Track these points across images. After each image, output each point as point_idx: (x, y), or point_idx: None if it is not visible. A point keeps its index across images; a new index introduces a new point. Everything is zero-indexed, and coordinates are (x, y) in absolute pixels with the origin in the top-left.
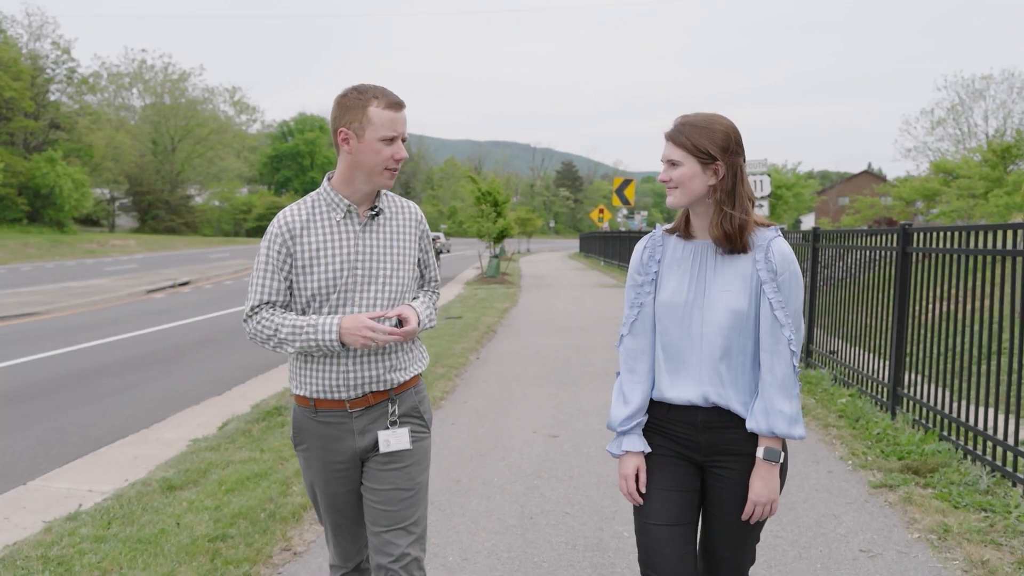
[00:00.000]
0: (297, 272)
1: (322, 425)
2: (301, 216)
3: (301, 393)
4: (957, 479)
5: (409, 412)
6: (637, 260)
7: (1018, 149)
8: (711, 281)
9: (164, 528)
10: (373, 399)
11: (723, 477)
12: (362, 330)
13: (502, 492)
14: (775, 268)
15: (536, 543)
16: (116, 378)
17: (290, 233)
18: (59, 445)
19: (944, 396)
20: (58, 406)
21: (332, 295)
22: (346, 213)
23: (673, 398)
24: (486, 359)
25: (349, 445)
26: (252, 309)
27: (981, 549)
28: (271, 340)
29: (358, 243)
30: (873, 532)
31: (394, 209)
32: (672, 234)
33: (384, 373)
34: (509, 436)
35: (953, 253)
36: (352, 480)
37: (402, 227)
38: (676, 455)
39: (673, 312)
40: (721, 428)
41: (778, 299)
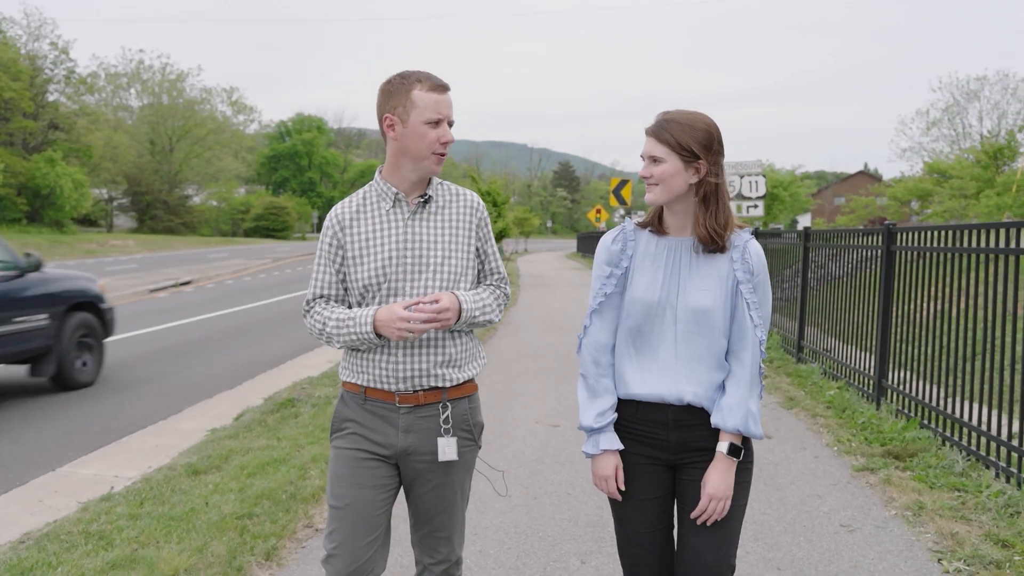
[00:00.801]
0: (348, 264)
1: (369, 414)
2: (352, 208)
3: (352, 380)
4: (934, 463)
5: (458, 424)
6: (605, 251)
7: (1010, 150)
8: (686, 279)
9: (194, 507)
10: (423, 398)
11: (696, 475)
12: (396, 321)
13: (507, 476)
14: (752, 269)
15: (541, 520)
16: (129, 373)
17: (340, 225)
18: (82, 435)
19: (926, 387)
20: (77, 399)
21: (383, 285)
22: (395, 202)
23: (643, 395)
24: (488, 355)
25: (391, 440)
26: (307, 303)
27: (952, 523)
28: (322, 335)
29: (407, 231)
30: (853, 510)
31: (448, 197)
32: (644, 228)
33: (434, 367)
34: (513, 426)
35: (934, 251)
36: (379, 477)
37: (456, 215)
38: (648, 460)
39: (646, 308)
40: (691, 426)
41: (754, 300)
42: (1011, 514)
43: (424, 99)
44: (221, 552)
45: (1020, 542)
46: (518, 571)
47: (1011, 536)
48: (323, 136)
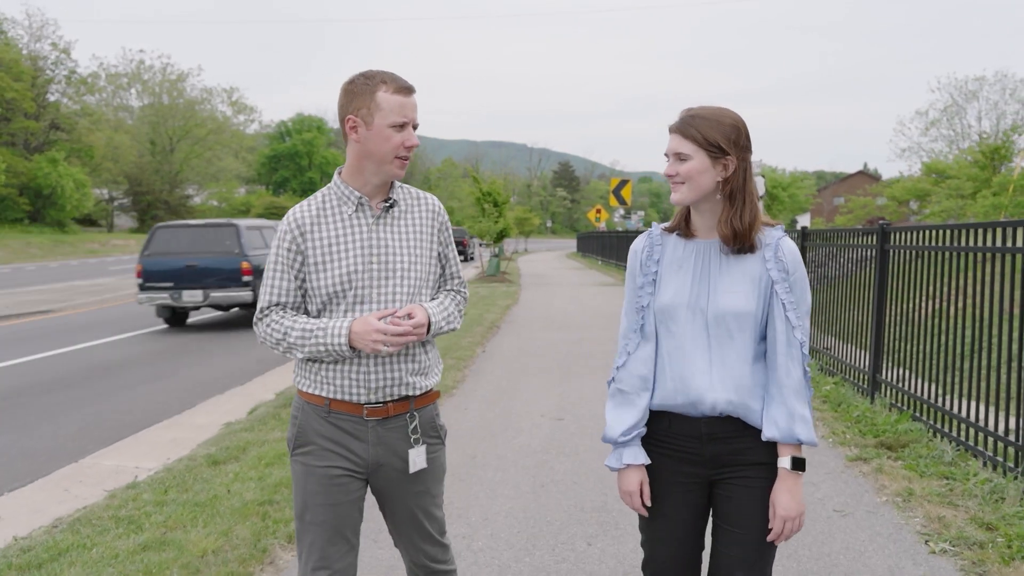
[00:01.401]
0: (310, 271)
1: (333, 427)
2: (311, 212)
3: (314, 392)
4: (925, 453)
5: (427, 429)
6: (636, 261)
7: (1006, 150)
8: (716, 281)
9: (216, 494)
10: (392, 409)
11: (735, 490)
12: (372, 335)
13: (515, 466)
14: (787, 268)
15: (548, 506)
16: (140, 370)
17: (300, 230)
18: (100, 429)
19: (918, 382)
20: (92, 395)
21: (348, 292)
22: (358, 206)
23: (675, 405)
24: (492, 352)
25: (360, 453)
26: (262, 311)
27: (939, 508)
28: (281, 344)
29: (372, 236)
30: (847, 496)
31: (410, 201)
32: (671, 233)
33: (406, 375)
34: (518, 419)
35: (926, 250)
36: (353, 491)
37: (419, 219)
38: (682, 477)
39: (676, 314)
40: (727, 439)
41: (790, 300)
42: (996, 500)
43: (389, 101)
44: (246, 535)
45: (1004, 525)
46: (528, 552)
47: (995, 520)
48: (323, 136)
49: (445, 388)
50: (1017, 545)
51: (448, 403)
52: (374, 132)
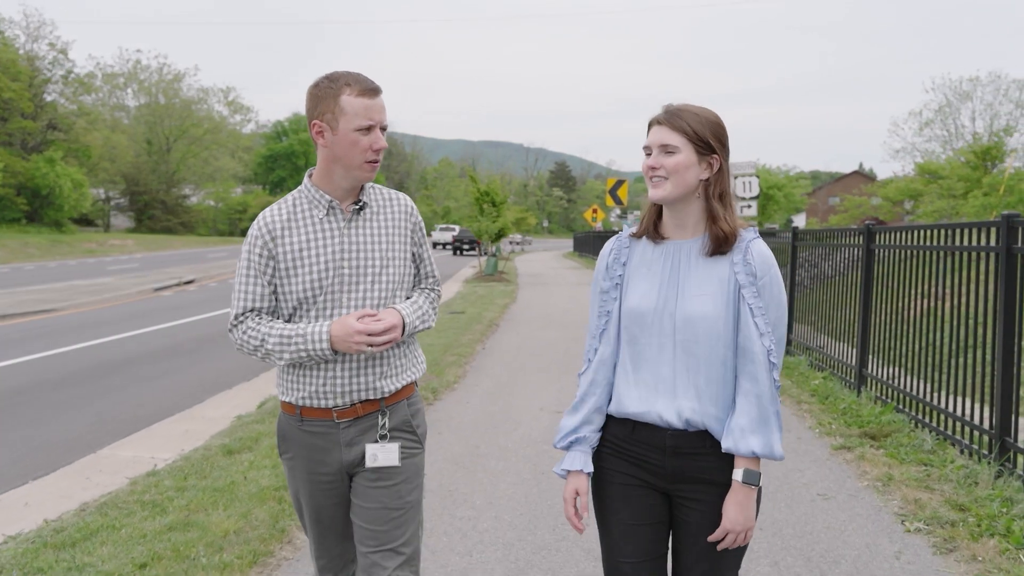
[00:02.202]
0: (281, 275)
1: (308, 435)
2: (282, 216)
3: (287, 400)
4: (906, 442)
5: (400, 426)
6: (602, 264)
7: (997, 150)
8: (685, 285)
9: (234, 480)
10: (362, 410)
11: (694, 510)
12: (353, 336)
13: (516, 455)
14: (754, 271)
15: (548, 492)
16: (148, 367)
17: (271, 235)
18: (113, 423)
19: (902, 376)
20: (103, 390)
21: (319, 297)
22: (328, 209)
23: (639, 413)
24: (491, 349)
25: (336, 457)
26: (236, 318)
27: (917, 492)
28: (258, 351)
29: (343, 240)
30: (830, 482)
31: (381, 202)
32: (639, 238)
33: (374, 380)
34: (518, 412)
35: (908, 249)
36: (338, 493)
37: (392, 220)
38: (641, 483)
39: (642, 319)
40: (691, 454)
41: (758, 305)
42: (970, 484)
43: (353, 105)
44: (264, 517)
45: (975, 506)
46: (530, 532)
47: (968, 502)
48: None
49: (446, 383)
50: (986, 523)
51: (450, 398)
52: (340, 136)
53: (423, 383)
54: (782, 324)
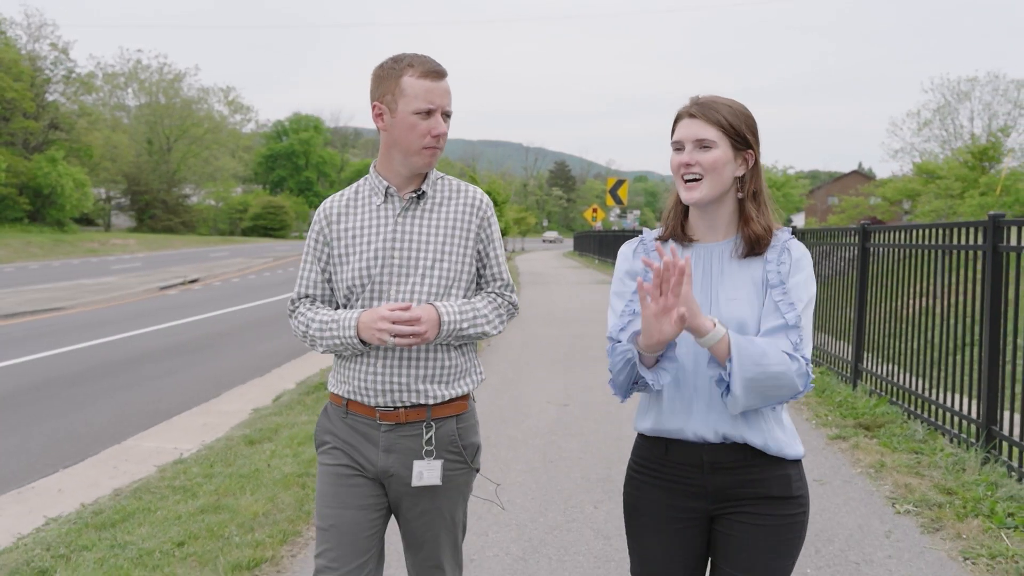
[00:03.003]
0: (334, 262)
1: (350, 428)
2: (342, 202)
3: (336, 391)
4: (899, 432)
5: (444, 445)
6: (626, 262)
7: (994, 150)
8: (719, 289)
9: (258, 468)
10: (405, 416)
11: (738, 525)
12: (377, 322)
13: (525, 445)
14: (788, 271)
15: (557, 478)
16: (162, 363)
17: (327, 220)
18: (134, 415)
19: (895, 370)
20: (120, 385)
21: (367, 287)
22: (386, 196)
23: (674, 430)
24: (496, 346)
25: (371, 458)
26: (292, 303)
27: (907, 477)
28: (306, 338)
29: (396, 229)
30: (826, 468)
31: (447, 192)
32: (664, 242)
33: (415, 382)
34: (526, 405)
35: (901, 248)
36: (363, 496)
37: (455, 212)
38: (678, 513)
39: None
40: (732, 468)
41: (787, 301)
42: (958, 470)
43: (415, 86)
44: (290, 501)
45: (962, 490)
46: (542, 514)
47: (955, 486)
48: (320, 135)
49: None
50: (972, 505)
51: None
52: (399, 119)
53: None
54: (809, 323)
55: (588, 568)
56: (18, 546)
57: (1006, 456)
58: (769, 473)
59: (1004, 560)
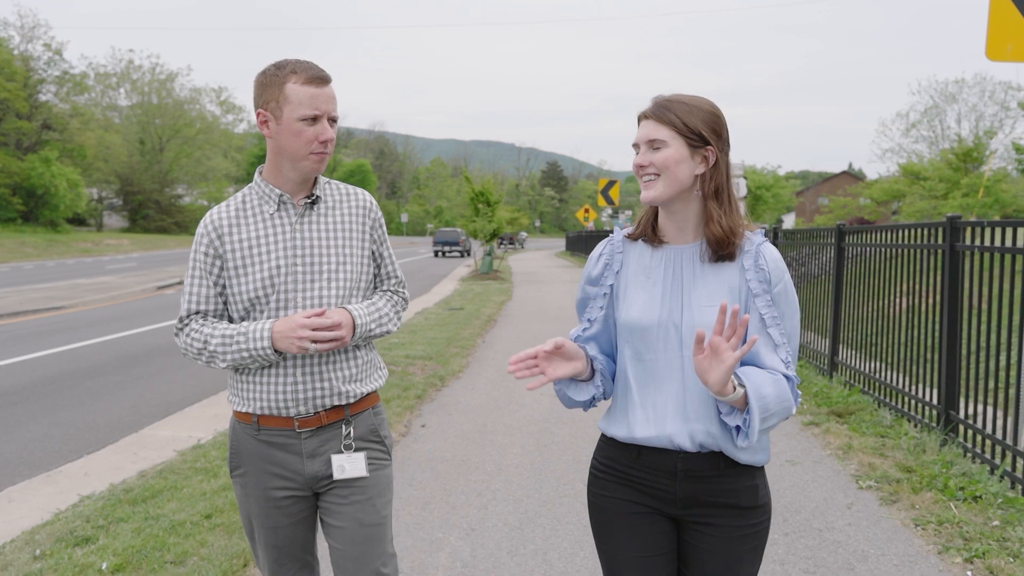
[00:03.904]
0: (230, 275)
1: (265, 445)
2: (230, 213)
3: (242, 409)
4: (868, 419)
5: (367, 435)
6: (588, 271)
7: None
8: (691, 294)
9: None
10: (326, 418)
11: (706, 534)
12: (296, 330)
13: (520, 432)
14: (768, 278)
15: (551, 460)
16: (169, 359)
17: (217, 233)
18: (147, 407)
19: (868, 362)
20: (131, 379)
21: (271, 297)
22: (279, 204)
23: (647, 438)
24: (491, 342)
25: (296, 469)
26: (181, 321)
27: (871, 458)
28: (202, 354)
29: (295, 236)
30: (797, 451)
31: (338, 197)
32: (635, 240)
33: (340, 383)
34: (520, 396)
35: (873, 248)
36: (297, 511)
37: (348, 215)
38: (649, 510)
39: (645, 333)
40: (704, 477)
41: (772, 315)
42: (919, 451)
43: (299, 93)
44: None
45: (920, 468)
46: (536, 490)
47: (915, 465)
48: None
49: (452, 372)
50: (927, 481)
51: (456, 384)
52: (284, 126)
53: (430, 371)
54: (796, 335)
55: (577, 535)
56: (59, 519)
57: (962, 438)
58: (739, 483)
59: (950, 526)
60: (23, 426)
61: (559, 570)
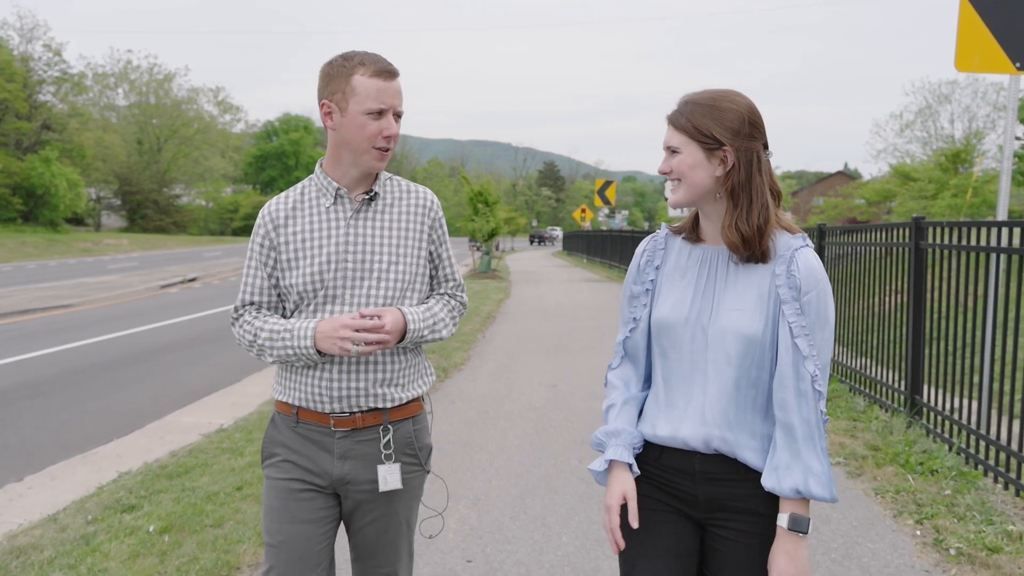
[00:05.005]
0: (282, 267)
1: (301, 438)
2: (287, 204)
3: (284, 399)
4: (843, 405)
5: (401, 447)
6: (634, 266)
7: (967, 154)
8: (721, 296)
9: None
10: (362, 421)
11: (727, 540)
12: (339, 330)
13: (520, 417)
14: (798, 285)
15: (549, 441)
16: (183, 353)
17: (273, 224)
18: (168, 396)
19: (844, 352)
20: (148, 372)
21: (319, 292)
22: (336, 198)
23: (665, 437)
24: (491, 338)
25: (326, 467)
26: (236, 310)
27: (842, 438)
28: (253, 347)
29: (348, 231)
30: None
31: (398, 193)
32: (678, 235)
33: (373, 386)
34: (520, 386)
35: (848, 245)
36: (316, 509)
37: (407, 213)
38: (671, 510)
39: (672, 332)
40: (723, 480)
41: (800, 324)
42: (886, 432)
43: (366, 85)
44: None
45: (885, 447)
46: (536, 466)
47: (881, 444)
48: (310, 136)
49: (454, 365)
50: (891, 457)
51: (459, 376)
52: (348, 119)
53: (433, 363)
54: (828, 348)
55: (573, 503)
56: (102, 491)
57: (925, 420)
58: (759, 490)
59: (906, 494)
60: (53, 414)
61: (556, 531)
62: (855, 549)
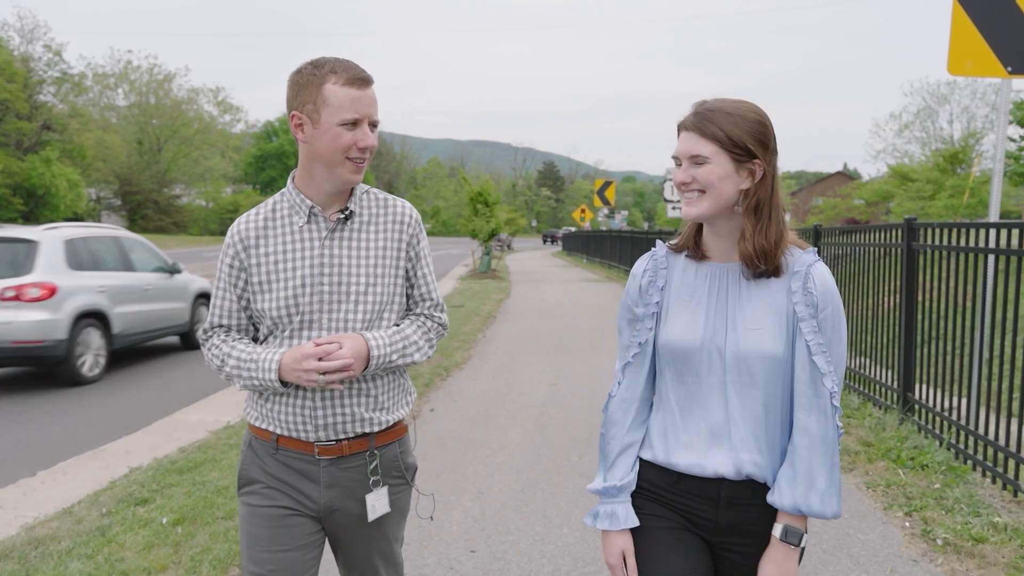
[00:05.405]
0: (254, 290)
1: (283, 465)
2: (258, 223)
3: (261, 425)
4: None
5: (388, 471)
6: (635, 287)
7: (964, 155)
8: (736, 315)
9: None
10: (348, 448)
11: (737, 564)
12: (302, 362)
13: (521, 415)
14: (815, 302)
15: (548, 438)
16: (186, 353)
17: (243, 244)
18: (175, 394)
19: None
20: (153, 371)
21: (295, 317)
22: (309, 216)
23: (688, 466)
24: (492, 337)
25: (312, 495)
26: (205, 332)
27: None
28: (221, 372)
29: (323, 253)
30: None
31: (374, 210)
32: (678, 253)
33: (362, 411)
34: (520, 385)
35: (843, 246)
36: (302, 536)
37: (383, 231)
38: (683, 527)
39: (687, 356)
40: (746, 504)
41: (818, 342)
42: (879, 428)
43: (338, 95)
44: None
45: (878, 443)
46: (536, 461)
47: (874, 440)
48: None
49: (455, 364)
50: (882, 453)
51: (460, 375)
52: (321, 130)
53: (435, 362)
54: (843, 362)
55: (573, 497)
56: (115, 485)
57: (917, 416)
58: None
59: (896, 488)
60: (60, 412)
61: (557, 523)
62: (846, 540)
